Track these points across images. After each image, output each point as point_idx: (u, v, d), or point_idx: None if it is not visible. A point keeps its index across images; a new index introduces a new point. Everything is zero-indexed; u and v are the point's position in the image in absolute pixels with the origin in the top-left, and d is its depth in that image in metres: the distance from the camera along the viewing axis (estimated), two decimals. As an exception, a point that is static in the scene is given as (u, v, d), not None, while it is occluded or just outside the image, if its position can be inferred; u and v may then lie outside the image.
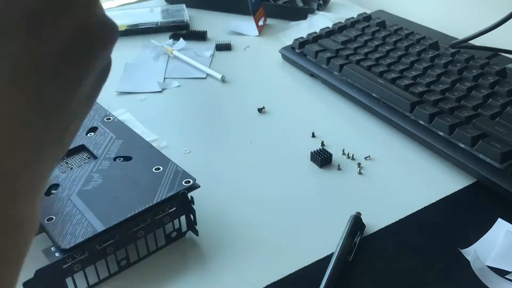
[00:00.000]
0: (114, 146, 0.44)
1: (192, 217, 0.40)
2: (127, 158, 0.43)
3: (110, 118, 0.48)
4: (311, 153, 0.50)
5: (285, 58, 0.70)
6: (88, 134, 0.46)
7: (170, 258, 0.39)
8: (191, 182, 0.39)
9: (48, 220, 0.36)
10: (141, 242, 0.38)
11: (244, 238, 0.41)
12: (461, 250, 0.39)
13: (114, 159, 0.42)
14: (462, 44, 0.60)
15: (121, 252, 0.37)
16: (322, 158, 0.49)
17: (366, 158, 0.50)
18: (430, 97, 0.53)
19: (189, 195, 0.39)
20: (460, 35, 0.63)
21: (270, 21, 0.84)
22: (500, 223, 0.41)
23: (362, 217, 0.41)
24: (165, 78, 0.67)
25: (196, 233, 0.40)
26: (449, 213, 0.43)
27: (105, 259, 0.36)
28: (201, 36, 0.78)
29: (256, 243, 0.40)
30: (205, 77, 0.67)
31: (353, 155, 0.50)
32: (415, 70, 0.58)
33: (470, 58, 0.58)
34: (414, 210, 0.43)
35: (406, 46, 0.63)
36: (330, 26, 0.72)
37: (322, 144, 0.52)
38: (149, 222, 0.37)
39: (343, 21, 0.72)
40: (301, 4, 0.87)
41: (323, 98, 0.61)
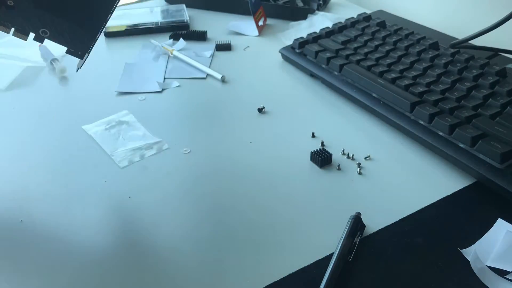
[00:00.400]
0: None
1: None
2: None
3: None
4: (311, 153, 0.50)
5: (285, 58, 0.70)
6: None
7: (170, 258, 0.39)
8: None
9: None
10: None
11: (244, 238, 0.41)
12: (461, 250, 0.39)
13: None
14: (462, 44, 0.61)
15: None
16: (322, 158, 0.49)
17: (366, 158, 0.50)
18: (430, 97, 0.53)
19: None
20: (460, 35, 0.63)
21: (270, 21, 0.84)
22: (500, 223, 0.41)
23: (362, 217, 0.41)
24: (165, 78, 0.67)
25: None
26: (449, 213, 0.43)
27: None
28: (201, 36, 0.78)
29: (256, 243, 0.40)
30: (205, 77, 0.67)
31: (353, 155, 0.50)
32: (415, 70, 0.58)
33: (470, 58, 0.58)
34: (414, 210, 0.43)
35: (406, 46, 0.63)
36: (330, 26, 0.72)
37: (322, 144, 0.52)
38: None
39: (343, 21, 0.72)
40: (301, 4, 0.87)
41: (323, 98, 0.61)
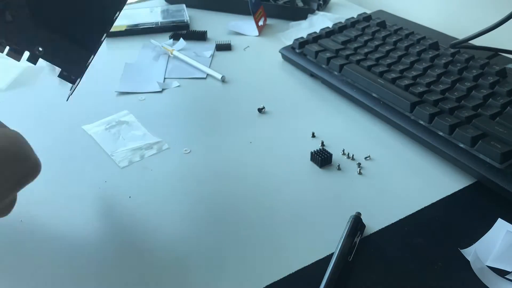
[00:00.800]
0: None
1: None
2: None
3: None
4: (311, 153, 0.50)
5: (285, 58, 0.70)
6: None
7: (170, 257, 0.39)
8: None
9: None
10: None
11: (244, 238, 0.41)
12: (461, 250, 0.39)
13: None
14: (462, 44, 0.60)
15: None
16: (322, 158, 0.49)
17: (366, 158, 0.50)
18: (430, 97, 0.53)
19: None
20: (460, 35, 0.63)
21: (270, 21, 0.84)
22: (500, 223, 0.41)
23: (362, 217, 0.41)
24: (165, 78, 0.67)
25: None
26: (449, 213, 0.43)
27: None
28: (201, 36, 0.78)
29: (256, 243, 0.40)
30: (205, 77, 0.67)
31: (353, 155, 0.50)
32: (415, 70, 0.58)
33: (470, 58, 0.58)
34: (414, 210, 0.43)
35: (406, 46, 0.63)
36: (330, 26, 0.72)
37: (322, 144, 0.52)
38: None
39: (343, 21, 0.72)
40: (301, 4, 0.87)
41: (323, 98, 0.61)
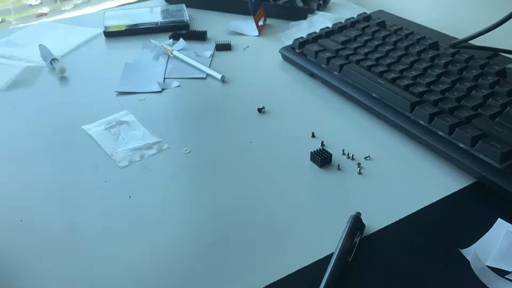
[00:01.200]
0: None
1: None
2: None
3: None
4: (311, 153, 0.50)
5: (285, 58, 0.70)
6: None
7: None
8: None
9: None
10: None
11: (244, 237, 0.41)
12: (461, 250, 0.39)
13: None
14: (462, 44, 0.60)
15: None
16: (322, 158, 0.49)
17: (366, 158, 0.50)
18: (430, 97, 0.53)
19: None
20: (460, 35, 0.63)
21: (270, 21, 0.84)
22: (500, 223, 0.41)
23: (362, 217, 0.41)
24: (165, 78, 0.67)
25: None
26: (449, 213, 0.43)
27: None
28: (201, 36, 0.78)
29: (256, 243, 0.40)
30: (205, 77, 0.67)
31: (353, 155, 0.50)
32: (415, 70, 0.58)
33: (470, 58, 0.58)
34: (414, 210, 0.43)
35: (406, 46, 0.63)
36: (330, 26, 0.72)
37: (322, 144, 0.52)
38: None
39: (343, 21, 0.72)
40: (301, 4, 0.87)
41: (323, 98, 0.61)
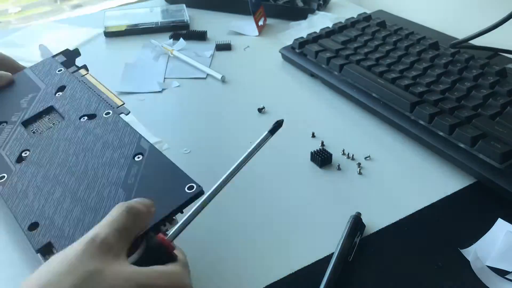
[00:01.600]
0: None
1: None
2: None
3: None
4: (311, 153, 0.50)
5: (285, 58, 0.70)
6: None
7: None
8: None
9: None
10: None
11: (244, 238, 0.41)
12: (461, 250, 0.39)
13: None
14: (462, 44, 0.60)
15: None
16: (322, 158, 0.49)
17: (366, 158, 0.50)
18: (430, 97, 0.53)
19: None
20: (460, 35, 0.63)
21: (270, 21, 0.84)
22: (500, 223, 0.41)
23: (362, 217, 0.41)
24: (165, 78, 0.67)
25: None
26: (449, 213, 0.43)
27: None
28: (201, 36, 0.78)
29: (256, 243, 0.40)
30: (205, 77, 0.67)
31: (353, 155, 0.50)
32: (415, 70, 0.58)
33: (470, 58, 0.58)
34: (414, 210, 0.43)
35: (406, 46, 0.63)
36: (330, 26, 0.72)
37: (322, 144, 0.52)
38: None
39: (343, 21, 0.72)
40: (301, 4, 0.87)
41: (323, 98, 0.61)
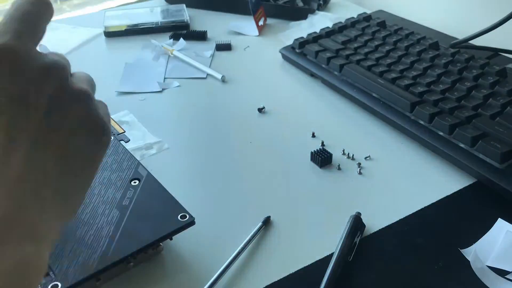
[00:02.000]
0: None
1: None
2: None
3: None
4: (311, 153, 0.50)
5: (285, 58, 0.70)
6: None
7: (169, 257, 0.39)
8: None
9: None
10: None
11: (243, 238, 0.41)
12: (461, 250, 0.39)
13: None
14: (462, 44, 0.60)
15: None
16: (322, 158, 0.49)
17: (366, 158, 0.50)
18: (430, 97, 0.53)
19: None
20: (460, 35, 0.63)
21: (270, 21, 0.84)
22: (500, 223, 0.41)
23: (362, 217, 0.41)
24: (165, 78, 0.67)
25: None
26: (449, 213, 0.43)
27: None
28: (201, 36, 0.78)
29: (256, 243, 0.40)
30: (205, 77, 0.67)
31: (353, 155, 0.50)
32: (415, 70, 0.58)
33: (470, 58, 0.58)
34: (414, 210, 0.43)
35: (406, 46, 0.63)
36: (330, 26, 0.72)
37: (322, 144, 0.52)
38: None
39: (343, 21, 0.72)
40: (301, 4, 0.87)
41: (323, 98, 0.61)
